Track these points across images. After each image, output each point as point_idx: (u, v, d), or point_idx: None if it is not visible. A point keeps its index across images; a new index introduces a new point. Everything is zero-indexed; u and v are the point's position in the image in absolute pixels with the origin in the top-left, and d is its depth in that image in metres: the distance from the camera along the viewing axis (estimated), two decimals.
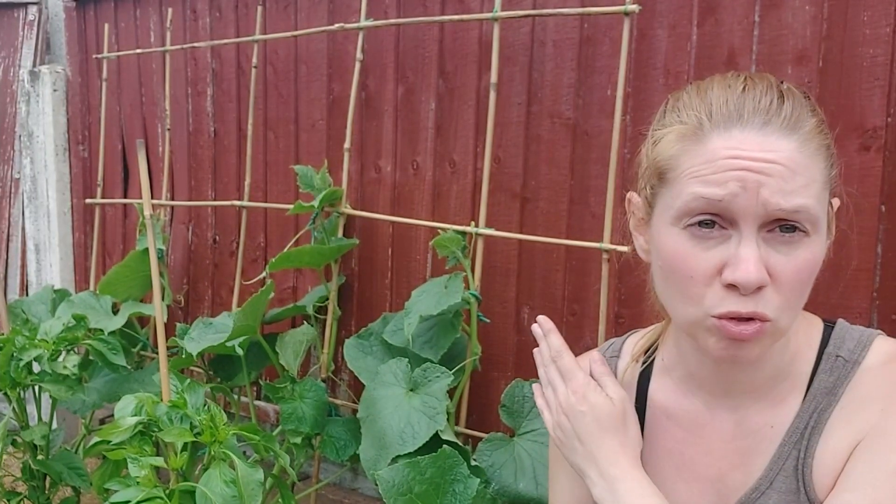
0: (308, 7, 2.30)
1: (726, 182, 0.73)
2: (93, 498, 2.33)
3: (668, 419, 0.92)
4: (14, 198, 3.27)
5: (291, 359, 2.01)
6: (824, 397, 0.83)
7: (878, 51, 1.44)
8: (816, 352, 0.85)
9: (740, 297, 0.74)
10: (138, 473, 1.46)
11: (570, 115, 1.81)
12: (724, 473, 0.87)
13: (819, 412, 0.82)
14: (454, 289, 1.74)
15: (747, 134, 0.74)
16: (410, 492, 1.50)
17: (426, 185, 2.08)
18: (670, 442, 0.91)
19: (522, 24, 1.86)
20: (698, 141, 0.76)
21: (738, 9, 1.58)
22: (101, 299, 2.37)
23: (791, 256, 0.74)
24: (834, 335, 0.86)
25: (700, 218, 0.75)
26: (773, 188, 0.72)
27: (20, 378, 1.97)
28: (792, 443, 0.83)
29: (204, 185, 2.64)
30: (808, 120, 0.76)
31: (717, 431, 0.88)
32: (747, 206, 0.72)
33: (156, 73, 2.75)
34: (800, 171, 0.73)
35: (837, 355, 0.84)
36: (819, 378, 0.84)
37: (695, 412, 0.90)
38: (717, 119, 0.76)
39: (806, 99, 0.79)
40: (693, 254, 0.76)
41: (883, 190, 1.46)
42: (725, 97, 0.76)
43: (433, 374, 1.70)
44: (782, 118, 0.74)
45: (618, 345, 1.01)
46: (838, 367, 0.83)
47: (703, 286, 0.76)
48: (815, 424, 0.82)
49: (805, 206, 0.72)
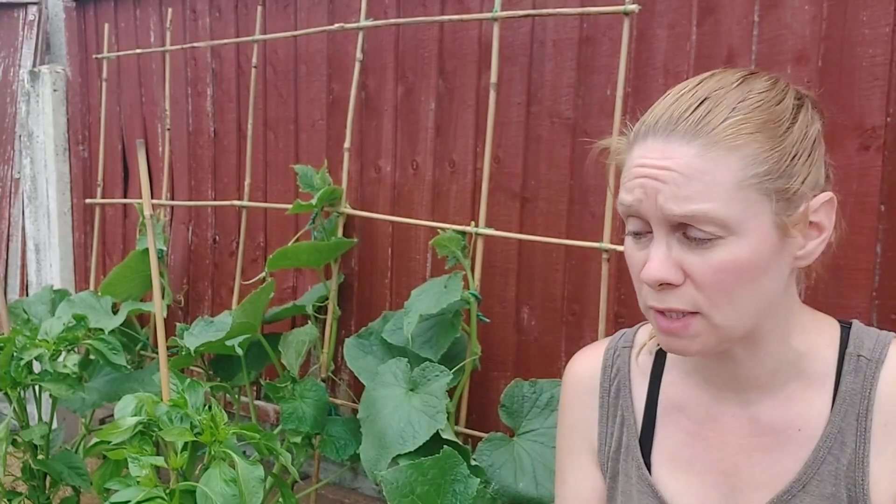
0: (308, 7, 2.30)
1: (634, 189, 0.79)
2: (93, 498, 2.33)
3: (680, 411, 0.93)
4: (14, 198, 3.27)
5: (293, 358, 2.01)
6: (857, 401, 0.83)
7: (877, 51, 1.45)
8: (837, 352, 0.86)
9: (657, 293, 0.80)
10: (138, 473, 1.46)
11: (569, 115, 1.82)
12: (741, 468, 0.88)
13: (858, 419, 0.82)
14: (454, 288, 1.74)
15: (655, 142, 0.79)
16: (413, 493, 1.51)
17: (426, 184, 2.08)
18: (682, 434, 0.92)
19: (522, 24, 1.86)
20: (630, 150, 0.83)
21: (738, 9, 1.58)
22: (101, 299, 2.37)
23: (705, 257, 0.77)
24: (852, 335, 0.86)
25: (630, 221, 0.82)
26: (667, 194, 0.76)
27: (20, 378, 1.97)
28: (827, 448, 0.83)
29: (204, 185, 2.64)
30: (722, 122, 0.76)
31: (730, 426, 0.89)
32: (651, 211, 0.78)
33: (156, 73, 2.76)
34: (697, 176, 0.75)
35: (859, 355, 0.84)
36: (845, 380, 0.84)
37: (705, 405, 0.91)
38: (642, 129, 0.81)
39: (742, 101, 0.78)
40: (631, 253, 0.83)
41: (882, 189, 1.46)
42: (658, 107, 0.82)
43: (432, 373, 1.70)
44: (688, 124, 0.77)
45: (630, 335, 1.01)
46: (862, 367, 0.84)
47: (639, 282, 0.83)
48: (859, 433, 0.82)
49: (700, 210, 0.75)
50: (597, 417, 0.99)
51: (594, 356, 1.01)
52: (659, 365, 0.96)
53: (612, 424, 0.97)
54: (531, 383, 1.69)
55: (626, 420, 0.96)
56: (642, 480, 0.92)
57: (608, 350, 1.01)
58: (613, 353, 1.00)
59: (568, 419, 1.02)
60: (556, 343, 1.88)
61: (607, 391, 0.98)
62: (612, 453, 0.96)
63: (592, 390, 0.99)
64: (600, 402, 0.98)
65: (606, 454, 0.97)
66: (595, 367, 1.00)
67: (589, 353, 1.03)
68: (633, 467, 0.94)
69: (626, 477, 0.94)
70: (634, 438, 0.94)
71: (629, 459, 0.94)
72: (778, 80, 0.83)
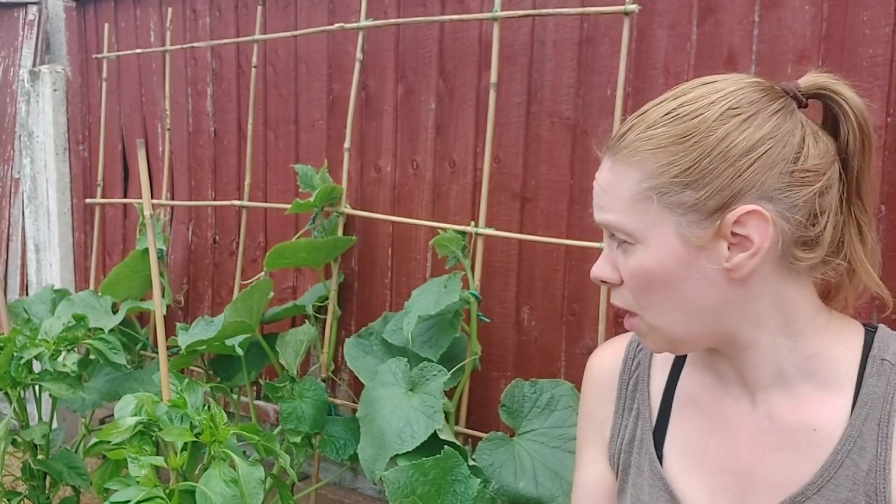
0: (308, 7, 2.30)
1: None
2: (93, 498, 2.33)
3: (694, 406, 0.92)
4: (14, 198, 3.27)
5: (291, 358, 2.01)
6: (878, 405, 0.81)
7: (877, 51, 1.45)
8: (860, 355, 0.84)
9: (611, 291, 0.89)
10: (138, 473, 1.46)
11: (569, 115, 1.82)
12: (753, 467, 0.86)
13: (879, 424, 0.81)
14: (453, 288, 1.74)
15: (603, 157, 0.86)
16: (413, 493, 1.51)
17: (426, 184, 2.08)
18: (695, 429, 0.91)
19: (522, 24, 1.86)
20: None
21: (738, 9, 1.58)
22: (101, 299, 2.37)
23: (625, 260, 0.84)
24: (877, 339, 0.84)
25: None
26: (595, 204, 0.86)
27: (20, 377, 1.97)
28: (846, 452, 0.81)
29: (204, 185, 2.64)
30: (631, 140, 0.82)
31: (742, 424, 0.88)
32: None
33: (156, 72, 2.76)
34: (607, 188, 0.84)
35: (883, 359, 0.82)
36: (867, 383, 0.82)
37: (719, 401, 0.90)
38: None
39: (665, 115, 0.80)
40: None
41: (882, 189, 1.46)
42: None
43: (430, 372, 1.70)
44: (612, 142, 0.84)
45: None
46: (885, 370, 0.82)
47: None
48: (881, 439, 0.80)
49: (606, 220, 0.84)
50: (612, 410, 0.99)
51: (616, 349, 1.02)
52: (680, 358, 0.96)
53: (627, 417, 0.97)
54: (531, 383, 1.69)
55: (642, 413, 0.96)
56: (654, 474, 0.92)
57: (631, 342, 1.01)
58: (637, 346, 1.00)
59: (585, 409, 1.03)
60: (556, 343, 1.88)
61: (626, 384, 0.98)
62: (624, 445, 0.96)
63: (611, 384, 1.00)
64: (617, 395, 0.99)
65: (618, 446, 0.97)
66: (616, 361, 1.01)
67: (612, 345, 1.04)
68: (645, 461, 0.93)
69: (639, 470, 0.94)
70: (648, 432, 0.94)
71: (642, 453, 0.94)
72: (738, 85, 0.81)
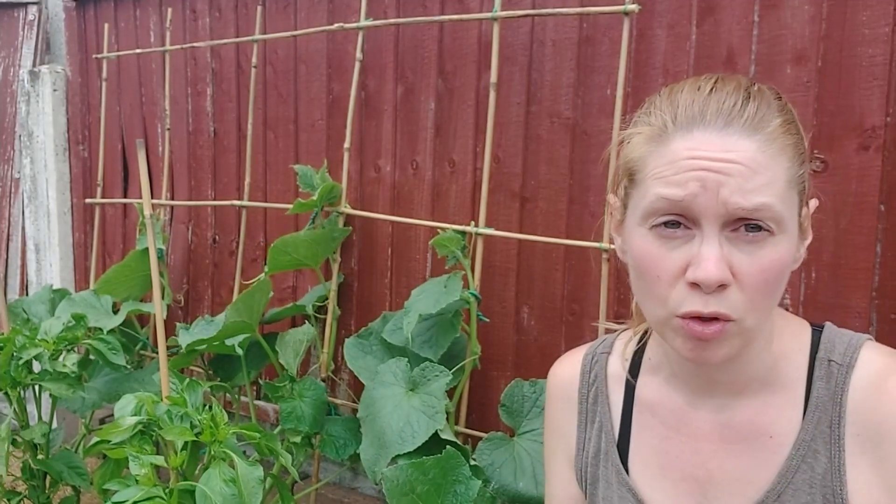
0: (308, 7, 2.30)
1: (687, 182, 0.74)
2: (93, 497, 2.33)
3: (654, 416, 0.92)
4: (14, 198, 3.27)
5: (291, 358, 2.01)
6: (828, 408, 0.81)
7: (876, 51, 1.45)
8: (808, 357, 0.84)
9: (703, 297, 0.75)
10: (138, 472, 1.46)
11: (569, 115, 1.82)
12: (714, 475, 0.86)
13: (830, 427, 0.81)
14: (453, 288, 1.74)
15: (708, 135, 0.75)
16: (413, 492, 1.51)
17: (426, 184, 2.08)
18: (655, 439, 0.91)
19: (522, 24, 1.86)
20: (662, 143, 0.78)
21: (738, 9, 1.58)
22: (101, 298, 2.37)
23: (755, 256, 0.74)
24: (823, 339, 0.84)
25: (665, 218, 0.76)
26: (733, 187, 0.73)
27: (20, 377, 1.97)
28: (800, 457, 0.81)
29: (204, 185, 2.64)
30: (773, 120, 0.76)
31: (703, 432, 0.87)
32: (708, 206, 0.73)
33: (156, 73, 2.76)
34: (760, 170, 0.73)
35: (830, 360, 0.82)
36: (816, 386, 0.82)
37: (679, 410, 0.89)
38: (681, 121, 0.77)
39: (777, 99, 0.79)
40: (660, 254, 0.77)
41: (882, 189, 1.46)
42: (692, 99, 0.78)
43: (432, 373, 1.70)
44: (744, 119, 0.75)
45: (609, 341, 1.01)
46: (833, 372, 0.82)
47: (668, 286, 0.77)
48: (833, 441, 0.80)
49: (766, 204, 0.73)
50: (575, 423, 0.98)
51: (573, 362, 1.01)
52: (634, 370, 0.95)
53: (590, 430, 0.97)
54: (531, 383, 1.69)
55: (605, 426, 0.95)
56: (623, 485, 0.92)
57: (587, 356, 1.00)
58: (592, 359, 0.99)
59: (549, 422, 1.03)
60: (556, 343, 1.88)
61: (585, 397, 0.98)
62: (590, 459, 0.96)
63: (571, 397, 0.99)
64: (579, 409, 0.98)
65: (584, 459, 0.97)
66: (574, 374, 1.00)
67: (569, 358, 1.03)
68: (612, 472, 0.93)
69: (607, 482, 0.94)
70: (612, 444, 0.94)
71: (608, 465, 0.94)
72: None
